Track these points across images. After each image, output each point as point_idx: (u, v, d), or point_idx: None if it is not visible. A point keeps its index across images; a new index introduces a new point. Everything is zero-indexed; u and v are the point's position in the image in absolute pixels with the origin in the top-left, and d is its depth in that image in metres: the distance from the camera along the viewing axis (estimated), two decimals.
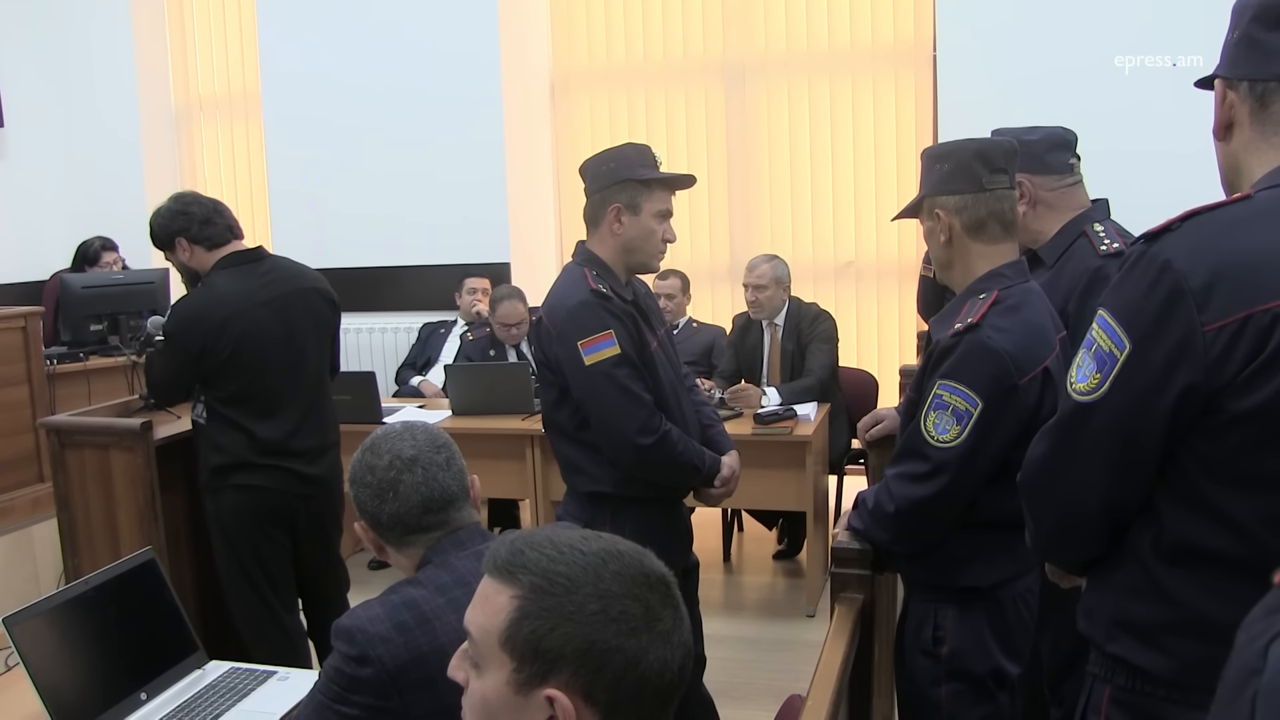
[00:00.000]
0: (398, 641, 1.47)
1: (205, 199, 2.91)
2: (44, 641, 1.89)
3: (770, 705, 1.86)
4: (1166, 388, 1.18)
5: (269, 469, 2.85)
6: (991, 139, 1.98)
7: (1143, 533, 1.29)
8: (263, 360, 2.84)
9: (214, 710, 2.02)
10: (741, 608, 4.31)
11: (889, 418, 2.39)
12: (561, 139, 6.00)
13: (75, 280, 4.69)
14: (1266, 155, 1.23)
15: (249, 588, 2.91)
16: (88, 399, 4.34)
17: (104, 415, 3.25)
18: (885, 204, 5.41)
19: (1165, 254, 1.18)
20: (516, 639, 0.95)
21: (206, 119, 6.57)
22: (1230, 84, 1.27)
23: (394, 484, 1.58)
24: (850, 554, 1.98)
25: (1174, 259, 1.17)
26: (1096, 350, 1.25)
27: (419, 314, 5.66)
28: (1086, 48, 4.65)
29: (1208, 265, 1.15)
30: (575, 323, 2.35)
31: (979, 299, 1.83)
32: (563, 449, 2.51)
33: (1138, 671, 1.29)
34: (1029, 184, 2.28)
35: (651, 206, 2.40)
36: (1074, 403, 1.28)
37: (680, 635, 0.98)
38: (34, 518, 4.12)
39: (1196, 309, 1.15)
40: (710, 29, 5.67)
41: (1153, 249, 1.20)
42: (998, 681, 1.91)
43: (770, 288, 4.42)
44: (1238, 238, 1.16)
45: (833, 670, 1.67)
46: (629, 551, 0.99)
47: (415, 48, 5.65)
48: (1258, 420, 1.15)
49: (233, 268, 2.86)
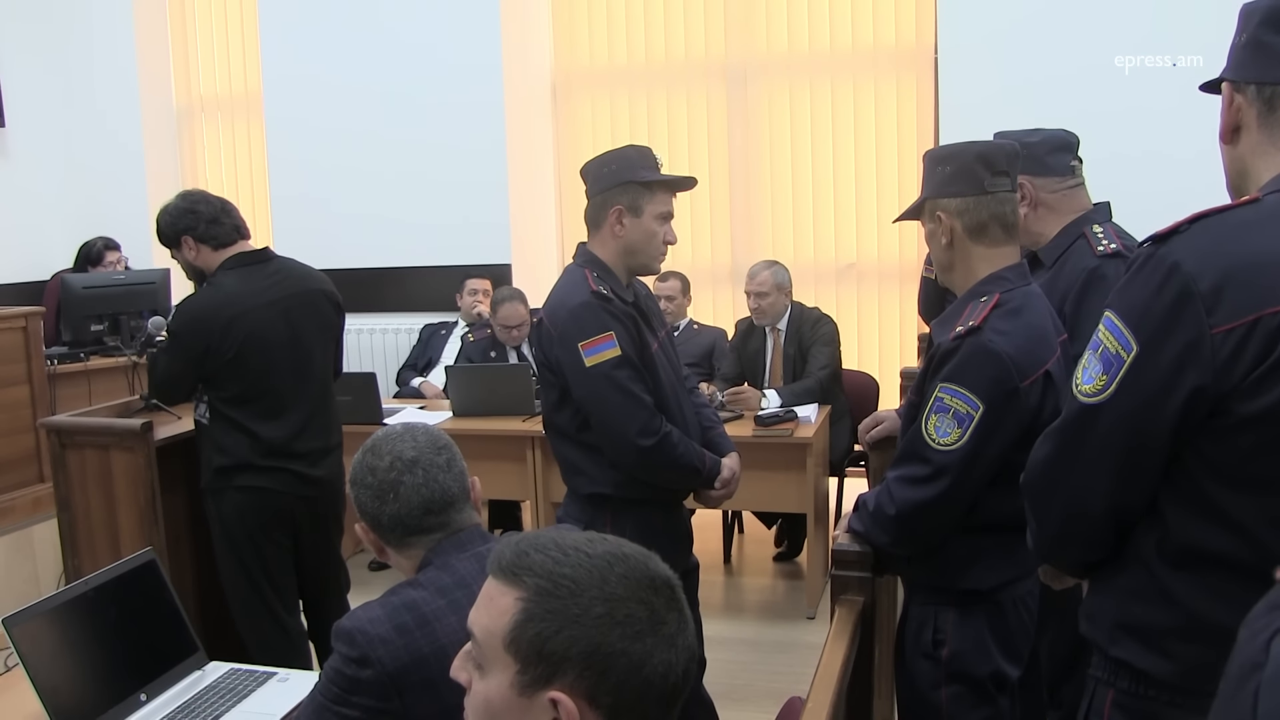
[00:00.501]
0: (398, 643, 1.47)
1: (214, 198, 2.91)
2: (44, 642, 1.89)
3: (770, 707, 1.86)
4: (1174, 390, 1.18)
5: (272, 470, 2.85)
6: (993, 142, 1.99)
7: (1147, 535, 1.28)
8: (267, 361, 2.83)
9: (214, 711, 2.01)
10: (742, 610, 4.31)
11: (890, 419, 2.39)
12: (563, 140, 6.00)
13: (76, 280, 4.70)
14: (1274, 159, 1.23)
15: (250, 589, 2.90)
16: (88, 399, 4.34)
17: (105, 415, 3.25)
18: (886, 206, 5.41)
19: (1174, 256, 1.17)
20: (521, 641, 0.94)
21: (208, 119, 6.57)
22: (1238, 87, 1.26)
23: (395, 485, 1.58)
24: (851, 556, 1.98)
25: (1183, 261, 1.17)
26: (1103, 352, 1.24)
27: (420, 315, 5.66)
28: (1087, 49, 4.65)
29: (1217, 268, 1.15)
30: (576, 324, 2.35)
31: (980, 302, 1.83)
32: (563, 450, 2.51)
33: (1141, 675, 1.28)
34: (1030, 186, 2.28)
35: (653, 208, 2.40)
36: (1079, 404, 1.28)
37: (685, 639, 0.98)
38: (34, 518, 4.12)
39: (1205, 311, 1.15)
40: (712, 31, 5.67)
41: (1161, 251, 1.19)
42: (998, 684, 1.91)
43: (771, 294, 4.43)
44: (1246, 240, 1.16)
45: (833, 672, 1.67)
46: (634, 554, 0.99)
47: (417, 49, 5.65)
48: (1265, 423, 1.15)
49: (239, 268, 2.86)
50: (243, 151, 6.50)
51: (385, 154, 5.74)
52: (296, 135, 5.89)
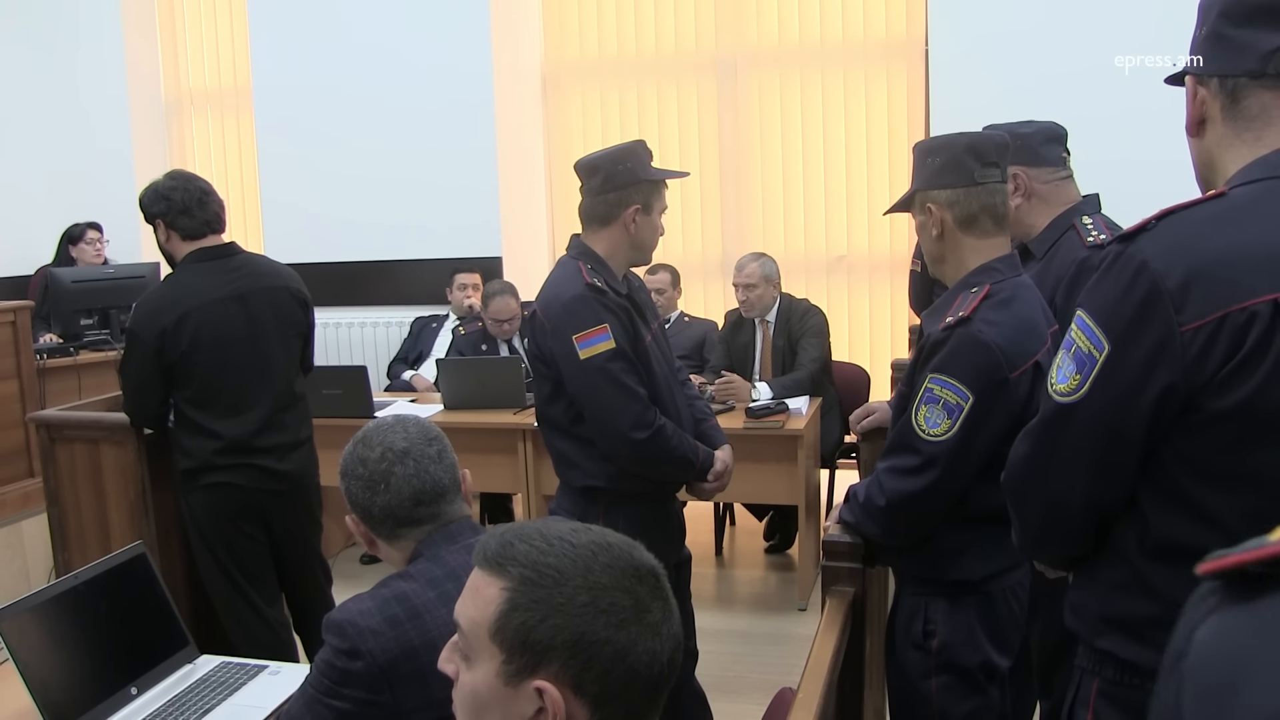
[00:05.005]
0: (389, 635, 1.47)
1: (194, 186, 2.86)
2: (33, 636, 1.88)
3: (762, 699, 1.86)
4: (1146, 388, 1.18)
5: (237, 467, 2.83)
6: (983, 133, 1.99)
7: (1127, 530, 1.29)
8: (223, 357, 2.80)
9: (205, 705, 2.01)
10: (733, 601, 4.32)
11: (881, 410, 2.39)
12: (553, 133, 5.98)
13: (65, 274, 4.68)
14: (1239, 151, 1.23)
15: (228, 583, 2.90)
16: (78, 394, 4.33)
17: (94, 410, 3.24)
18: (877, 198, 5.41)
19: (1142, 254, 1.18)
20: (506, 631, 0.95)
21: (197, 112, 6.54)
22: (1201, 80, 1.26)
23: (386, 476, 1.57)
24: (841, 547, 1.98)
25: (1150, 259, 1.17)
26: (1076, 351, 1.26)
27: (411, 308, 5.65)
28: (1080, 44, 4.66)
29: (1184, 264, 1.15)
30: (570, 317, 2.35)
31: (971, 293, 1.83)
32: (556, 443, 2.51)
33: (1126, 665, 1.29)
34: (1024, 176, 2.29)
35: (659, 205, 2.46)
36: (1055, 404, 1.29)
37: (670, 627, 0.98)
38: (24, 512, 4.11)
39: (1174, 309, 1.15)
40: (702, 23, 5.67)
41: (1129, 249, 1.20)
42: (988, 674, 1.92)
43: (760, 286, 4.43)
44: (1213, 236, 1.16)
45: (824, 663, 1.68)
46: (618, 544, 0.99)
47: (406, 41, 5.63)
48: (1236, 418, 1.16)
49: (200, 263, 2.83)
50: (232, 144, 6.47)
51: (374, 147, 5.72)
52: (286, 127, 5.87)
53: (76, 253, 5.47)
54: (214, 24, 6.41)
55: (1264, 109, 1.21)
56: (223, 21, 6.38)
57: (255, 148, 6.04)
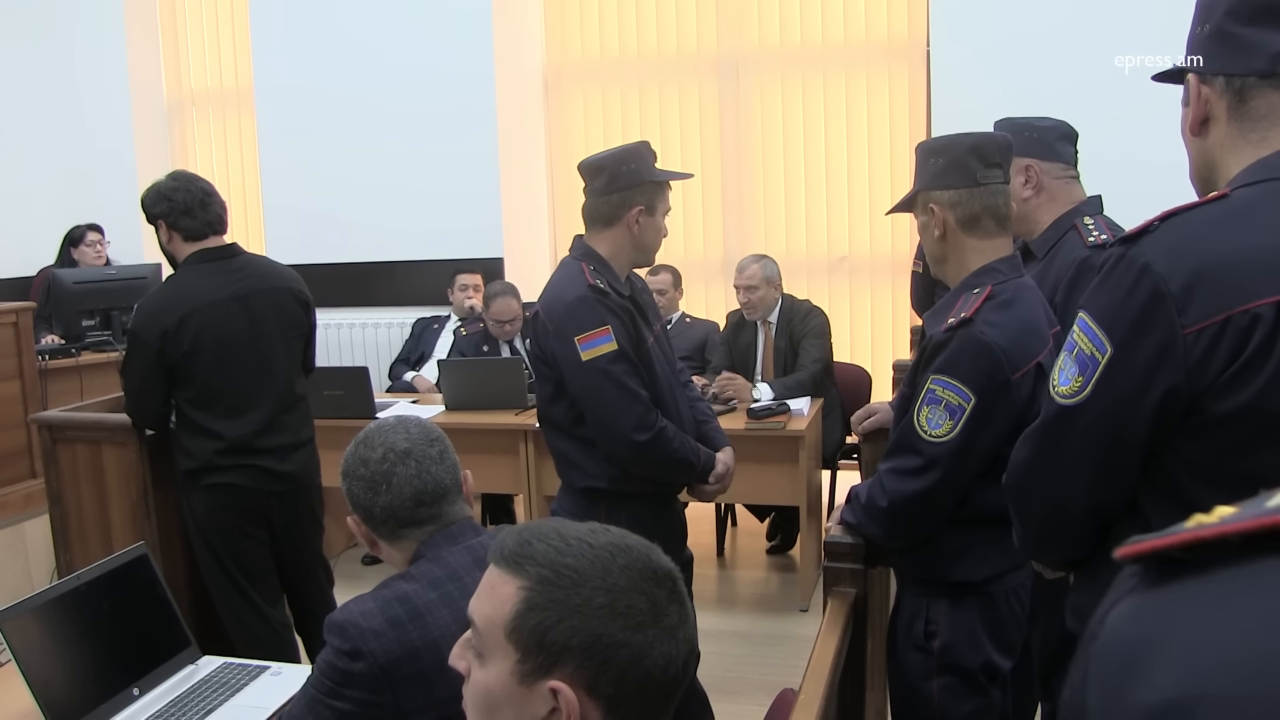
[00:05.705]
0: (390, 636, 1.47)
1: (196, 187, 2.86)
2: (36, 637, 1.88)
3: (763, 699, 1.86)
4: (1148, 391, 1.18)
5: (238, 468, 2.84)
6: (986, 133, 1.98)
7: (1129, 532, 1.28)
8: (224, 357, 2.81)
9: (207, 705, 2.01)
10: (735, 602, 4.31)
11: (883, 411, 2.39)
12: (555, 134, 5.98)
13: (67, 275, 4.68)
14: (1243, 152, 1.22)
15: (229, 584, 2.90)
16: (80, 394, 4.33)
17: (96, 411, 3.24)
18: (879, 198, 5.41)
19: (1144, 256, 1.17)
20: (522, 630, 0.95)
21: (199, 114, 6.54)
22: (1204, 79, 1.25)
23: (387, 476, 1.57)
24: (843, 548, 1.98)
25: (1153, 261, 1.17)
26: (1078, 353, 1.25)
27: (412, 309, 5.65)
28: (1080, 44, 4.65)
29: (1187, 267, 1.15)
30: (572, 318, 2.35)
31: (973, 294, 1.83)
32: (558, 444, 2.51)
33: None
34: (1037, 169, 2.29)
35: (663, 206, 2.47)
36: (1057, 406, 1.28)
37: (685, 631, 0.98)
38: (26, 513, 4.11)
39: (1176, 312, 1.15)
40: (704, 23, 5.66)
41: (1131, 251, 1.19)
42: (989, 676, 1.92)
43: (761, 287, 4.43)
44: (1215, 238, 1.16)
45: (825, 664, 1.68)
46: (637, 546, 0.99)
47: (408, 43, 5.63)
48: (1239, 421, 1.15)
49: (201, 264, 2.84)
50: (234, 145, 6.47)
51: (376, 148, 5.72)
52: (287, 128, 5.87)
53: (78, 254, 5.47)
54: (216, 25, 6.41)
55: (1272, 109, 1.20)
56: (224, 23, 6.38)
57: (257, 149, 6.04)
